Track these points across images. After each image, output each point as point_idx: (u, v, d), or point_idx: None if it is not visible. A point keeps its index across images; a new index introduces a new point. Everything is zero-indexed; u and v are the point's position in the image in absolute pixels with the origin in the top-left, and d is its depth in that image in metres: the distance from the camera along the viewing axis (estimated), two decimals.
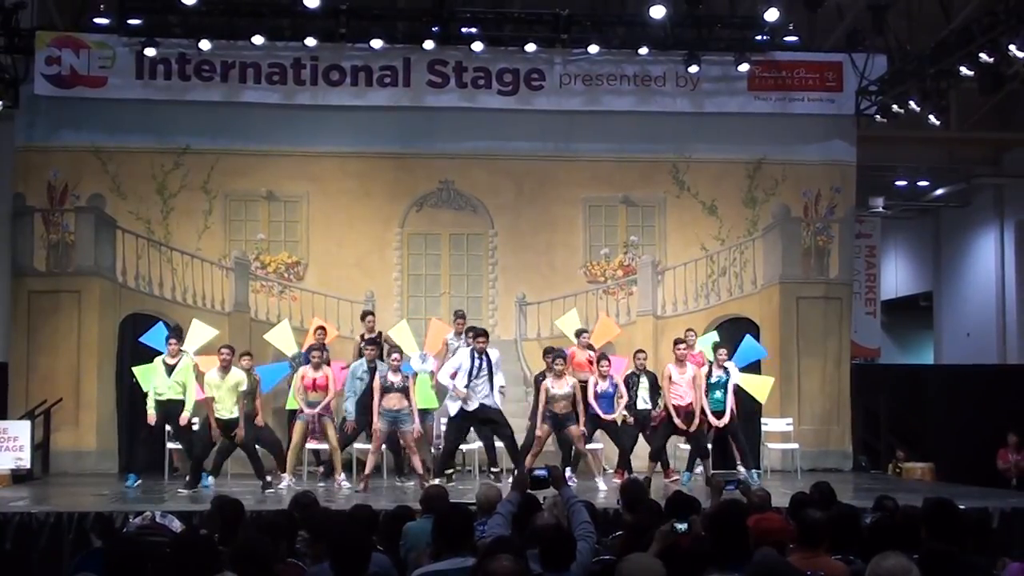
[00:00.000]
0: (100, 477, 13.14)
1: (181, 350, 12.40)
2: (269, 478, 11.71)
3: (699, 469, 12.87)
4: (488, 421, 12.35)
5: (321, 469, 12.87)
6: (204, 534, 4.95)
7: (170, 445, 12.87)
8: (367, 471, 11.87)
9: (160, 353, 12.58)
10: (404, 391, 11.83)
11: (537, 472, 6.14)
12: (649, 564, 4.57)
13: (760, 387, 13.87)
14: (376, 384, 11.88)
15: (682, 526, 5.35)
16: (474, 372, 12.10)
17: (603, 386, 12.34)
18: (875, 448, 15.53)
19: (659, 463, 12.53)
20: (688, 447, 12.93)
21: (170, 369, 12.15)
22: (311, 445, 12.68)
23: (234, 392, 11.77)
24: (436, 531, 5.37)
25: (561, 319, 14.14)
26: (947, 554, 4.87)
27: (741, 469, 12.89)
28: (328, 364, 12.38)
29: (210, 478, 12.12)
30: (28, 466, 12.70)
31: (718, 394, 12.56)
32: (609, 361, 12.59)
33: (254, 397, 12.14)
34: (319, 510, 6.69)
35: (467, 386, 12.09)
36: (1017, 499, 11.32)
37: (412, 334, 13.39)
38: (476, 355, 12.14)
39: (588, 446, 12.30)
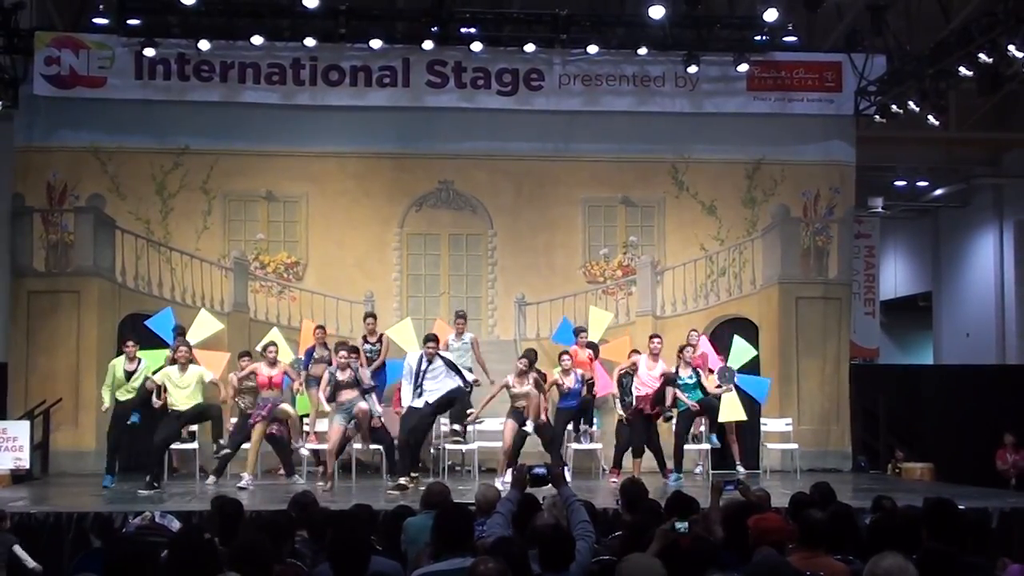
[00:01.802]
0: (99, 477, 13.01)
1: (139, 358, 12.28)
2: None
3: (698, 469, 12.92)
4: (449, 403, 11.83)
5: (281, 471, 12.89)
6: (200, 536, 4.92)
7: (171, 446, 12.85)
8: (329, 470, 11.82)
9: (164, 342, 12.78)
10: (352, 385, 11.75)
11: (536, 470, 6.13)
12: (649, 564, 4.57)
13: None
14: (324, 382, 11.84)
15: (683, 526, 5.34)
16: (421, 377, 11.64)
17: (568, 383, 12.33)
18: (874, 448, 15.53)
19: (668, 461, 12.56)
20: (696, 447, 12.96)
21: (128, 375, 12.05)
22: (312, 445, 12.69)
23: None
24: (436, 531, 5.37)
25: (596, 310, 14.22)
26: (946, 554, 4.87)
27: (741, 468, 12.93)
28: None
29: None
30: (27, 466, 12.70)
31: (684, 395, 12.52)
32: (570, 356, 12.59)
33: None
34: (319, 510, 6.69)
35: (416, 389, 11.69)
36: (1016, 499, 11.33)
37: (414, 333, 13.41)
38: (426, 359, 11.74)
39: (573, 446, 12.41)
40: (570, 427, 12.97)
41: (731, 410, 13.23)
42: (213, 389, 12.12)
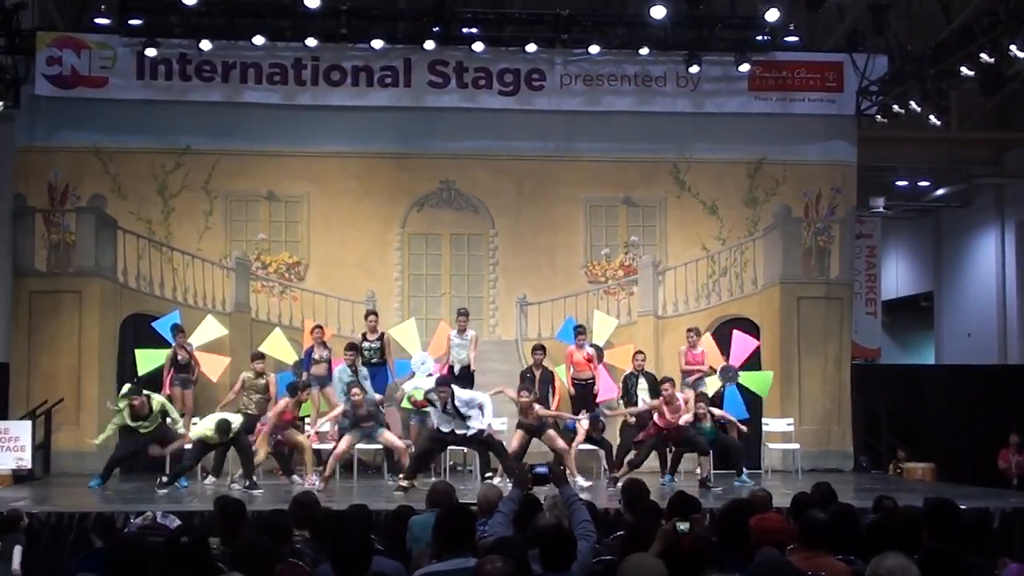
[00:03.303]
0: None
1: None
2: (256, 478, 11.75)
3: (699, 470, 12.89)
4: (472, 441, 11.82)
5: (280, 470, 12.86)
6: (192, 536, 4.90)
7: None
8: (327, 473, 11.80)
9: (167, 343, 12.84)
10: (370, 418, 11.76)
11: (538, 469, 6.13)
12: (651, 564, 4.57)
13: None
14: (339, 414, 11.92)
15: (684, 526, 5.33)
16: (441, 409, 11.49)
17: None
18: (876, 448, 15.54)
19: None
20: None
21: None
22: (314, 445, 12.70)
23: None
24: (437, 531, 5.36)
25: (601, 315, 14.22)
26: (947, 554, 4.87)
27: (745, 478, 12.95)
28: (329, 363, 12.62)
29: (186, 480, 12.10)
30: (29, 466, 12.73)
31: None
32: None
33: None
34: (320, 510, 6.69)
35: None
36: (1018, 499, 11.32)
37: (417, 333, 13.40)
38: (439, 402, 11.47)
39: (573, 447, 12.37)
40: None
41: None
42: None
